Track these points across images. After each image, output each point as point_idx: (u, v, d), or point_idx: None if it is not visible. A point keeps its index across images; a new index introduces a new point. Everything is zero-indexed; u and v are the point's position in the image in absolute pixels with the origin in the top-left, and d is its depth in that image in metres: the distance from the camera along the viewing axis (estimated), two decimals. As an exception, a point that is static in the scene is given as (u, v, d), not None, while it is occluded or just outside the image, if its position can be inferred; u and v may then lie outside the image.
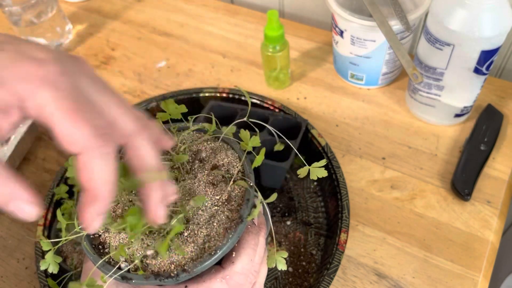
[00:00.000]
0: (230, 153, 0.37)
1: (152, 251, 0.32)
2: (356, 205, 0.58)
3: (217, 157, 0.37)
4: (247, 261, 0.33)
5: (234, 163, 0.37)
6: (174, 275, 0.31)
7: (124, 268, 0.32)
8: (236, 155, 0.37)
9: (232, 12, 0.85)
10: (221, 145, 0.38)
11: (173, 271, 0.31)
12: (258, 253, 0.34)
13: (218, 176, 0.36)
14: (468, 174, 0.57)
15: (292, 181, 0.62)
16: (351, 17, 0.60)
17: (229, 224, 0.33)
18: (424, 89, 0.61)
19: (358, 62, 0.66)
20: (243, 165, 0.36)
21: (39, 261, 0.53)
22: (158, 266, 0.31)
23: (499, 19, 0.50)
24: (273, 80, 0.70)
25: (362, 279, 0.52)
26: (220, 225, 0.33)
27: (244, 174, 0.36)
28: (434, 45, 0.55)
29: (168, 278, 0.30)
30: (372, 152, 0.63)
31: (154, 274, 0.31)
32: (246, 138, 0.37)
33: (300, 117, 0.62)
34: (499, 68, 0.73)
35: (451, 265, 0.52)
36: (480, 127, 0.62)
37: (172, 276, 0.31)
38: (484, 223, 0.55)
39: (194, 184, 0.35)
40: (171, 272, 0.31)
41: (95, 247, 0.33)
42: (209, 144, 0.38)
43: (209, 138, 0.39)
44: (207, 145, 0.38)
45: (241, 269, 0.33)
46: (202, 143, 0.38)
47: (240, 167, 0.36)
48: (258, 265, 0.35)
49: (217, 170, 0.36)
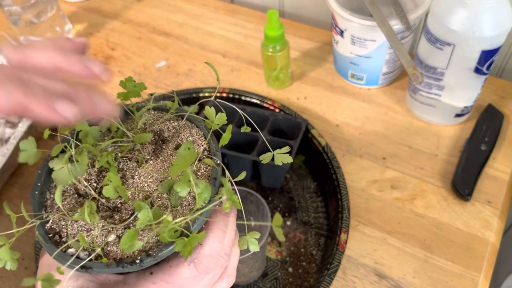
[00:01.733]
0: (194, 131, 0.35)
1: (113, 237, 0.30)
2: (356, 205, 0.58)
3: (181, 136, 0.35)
4: (216, 243, 0.31)
5: (200, 141, 0.35)
6: (138, 261, 0.29)
7: (83, 257, 0.29)
8: (201, 133, 0.35)
9: (232, 12, 0.85)
10: (185, 124, 0.36)
11: (137, 257, 0.29)
12: (228, 235, 0.32)
13: None
14: (469, 174, 0.57)
15: (292, 181, 0.62)
16: (352, 17, 0.60)
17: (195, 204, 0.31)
18: (425, 89, 0.61)
19: (358, 62, 0.66)
20: (209, 143, 0.34)
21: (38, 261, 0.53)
22: (121, 253, 0.29)
23: (500, 19, 0.50)
24: (273, 80, 0.70)
25: (363, 279, 0.52)
26: (186, 206, 0.31)
27: (210, 152, 0.34)
28: (435, 45, 0.54)
29: (131, 264, 0.29)
30: (373, 152, 0.63)
31: (116, 262, 0.29)
32: (211, 116, 0.35)
33: (300, 117, 0.62)
34: (500, 68, 0.73)
35: (452, 265, 0.52)
36: (481, 127, 0.61)
37: (136, 262, 0.29)
38: (485, 223, 0.55)
39: (157, 165, 0.33)
40: (134, 258, 0.29)
41: (50, 238, 0.31)
42: (171, 123, 0.35)
43: (172, 117, 0.36)
44: (170, 124, 0.35)
45: (209, 251, 0.31)
46: (164, 122, 0.36)
47: (206, 145, 0.34)
48: (229, 248, 0.32)
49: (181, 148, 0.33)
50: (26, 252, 0.57)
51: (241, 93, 0.67)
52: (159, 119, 0.36)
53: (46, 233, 0.32)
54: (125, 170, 0.33)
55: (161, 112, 0.37)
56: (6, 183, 0.64)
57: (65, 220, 0.31)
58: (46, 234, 0.31)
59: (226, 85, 0.72)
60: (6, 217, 0.61)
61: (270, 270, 0.55)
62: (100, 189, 0.32)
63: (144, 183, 0.32)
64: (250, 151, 0.57)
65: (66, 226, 0.31)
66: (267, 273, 0.55)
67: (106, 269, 0.29)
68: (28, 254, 0.57)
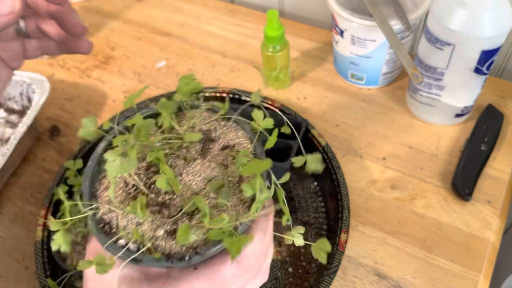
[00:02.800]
0: (240, 133, 0.36)
1: (162, 232, 0.31)
2: (356, 205, 0.58)
3: (228, 137, 0.36)
4: (258, 243, 0.33)
5: (245, 144, 0.36)
6: (187, 258, 0.30)
7: (133, 249, 0.31)
8: (247, 135, 0.36)
9: (232, 11, 0.85)
10: (232, 125, 0.37)
11: (186, 254, 0.30)
12: (267, 236, 0.34)
13: (229, 157, 0.34)
14: (469, 174, 0.57)
15: (292, 181, 0.62)
16: (351, 16, 0.60)
17: (241, 206, 0.32)
18: (425, 89, 0.61)
19: (358, 62, 0.66)
20: (255, 146, 0.35)
21: (38, 261, 0.53)
22: (169, 248, 0.30)
23: (500, 19, 0.50)
24: (273, 80, 0.70)
25: (363, 279, 0.52)
26: (232, 207, 0.32)
27: (255, 155, 0.35)
28: (435, 45, 0.54)
29: (180, 260, 0.30)
30: (373, 152, 0.63)
31: (165, 256, 0.30)
32: (258, 118, 0.36)
33: (300, 117, 0.62)
34: (500, 68, 0.73)
35: (452, 265, 0.52)
36: (481, 127, 0.61)
37: (184, 259, 0.30)
38: (485, 223, 0.55)
39: (204, 165, 0.34)
40: (183, 255, 0.30)
41: (101, 228, 0.32)
42: (219, 124, 0.37)
43: (219, 118, 0.37)
44: (217, 125, 0.36)
45: (252, 251, 0.32)
46: (212, 122, 0.37)
47: (252, 148, 0.35)
48: (267, 248, 0.34)
49: (228, 151, 0.35)
50: (26, 253, 0.57)
51: (241, 93, 0.67)
52: (207, 119, 0.37)
53: (97, 223, 0.32)
54: (173, 167, 0.34)
55: (209, 112, 0.38)
56: (6, 183, 0.64)
57: (115, 212, 0.32)
58: (97, 224, 0.32)
59: (226, 85, 0.72)
60: (6, 216, 0.61)
61: (270, 270, 0.55)
62: (149, 184, 0.33)
63: (192, 181, 0.33)
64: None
65: (117, 218, 0.32)
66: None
67: (155, 263, 0.30)
68: (28, 254, 0.57)
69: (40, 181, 0.64)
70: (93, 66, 0.78)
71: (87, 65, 0.79)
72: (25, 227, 0.60)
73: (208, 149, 0.35)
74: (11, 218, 0.61)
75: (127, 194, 0.32)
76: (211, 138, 0.35)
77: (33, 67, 0.79)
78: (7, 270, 0.56)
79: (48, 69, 0.79)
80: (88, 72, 0.78)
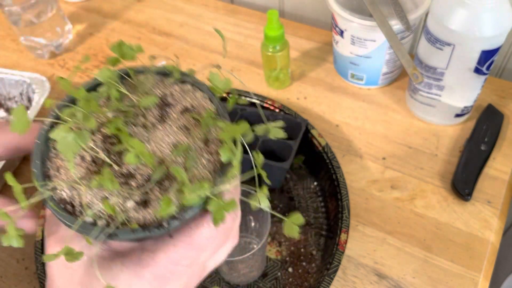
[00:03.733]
0: (199, 95, 0.34)
1: (132, 203, 0.29)
2: (357, 205, 0.58)
3: (186, 100, 0.34)
4: None
5: (206, 104, 0.34)
6: (165, 225, 0.28)
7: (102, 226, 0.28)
8: (205, 96, 0.34)
9: (232, 12, 0.85)
10: (188, 88, 0.35)
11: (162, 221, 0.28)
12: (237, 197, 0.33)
13: (191, 120, 0.33)
14: (469, 174, 0.57)
15: (292, 181, 0.62)
16: (351, 17, 0.60)
17: (212, 167, 0.30)
18: (425, 89, 0.61)
19: (358, 62, 0.66)
20: (216, 106, 0.33)
21: (39, 261, 0.53)
22: (143, 218, 0.29)
23: (500, 19, 0.50)
24: (273, 80, 0.70)
25: (363, 279, 0.52)
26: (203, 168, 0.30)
27: (219, 115, 0.33)
28: (435, 45, 0.54)
29: (158, 228, 0.28)
30: (373, 152, 0.63)
31: (141, 227, 0.28)
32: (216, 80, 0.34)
33: (300, 117, 0.62)
34: (500, 68, 0.73)
35: (452, 265, 0.52)
36: (481, 127, 0.61)
37: (163, 225, 0.28)
38: (485, 223, 0.55)
39: (166, 131, 0.32)
40: (161, 222, 0.28)
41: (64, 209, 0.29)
42: (174, 88, 0.34)
43: (173, 82, 0.35)
44: (172, 89, 0.34)
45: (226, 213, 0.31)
46: (166, 86, 0.35)
47: (214, 108, 0.33)
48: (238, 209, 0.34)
49: (189, 114, 0.33)
50: (27, 252, 0.57)
51: (241, 93, 0.67)
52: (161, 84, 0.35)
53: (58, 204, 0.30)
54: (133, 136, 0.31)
55: (159, 76, 0.36)
56: (5, 183, 0.64)
57: (76, 190, 0.30)
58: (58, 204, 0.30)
59: (226, 85, 0.72)
60: (6, 217, 0.61)
61: (270, 270, 0.55)
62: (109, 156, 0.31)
63: (155, 148, 0.31)
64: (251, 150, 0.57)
65: (79, 196, 0.29)
66: (267, 273, 0.55)
67: (131, 235, 0.28)
68: (28, 254, 0.57)
69: (40, 181, 0.64)
70: (93, 66, 0.78)
71: (87, 65, 0.79)
72: (25, 227, 0.60)
73: (166, 114, 0.33)
74: (11, 218, 0.61)
75: (86, 169, 0.30)
76: (168, 103, 0.33)
77: (33, 67, 0.79)
78: (7, 270, 0.56)
79: (48, 69, 0.79)
80: (88, 72, 0.78)
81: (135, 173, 0.30)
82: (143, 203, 0.29)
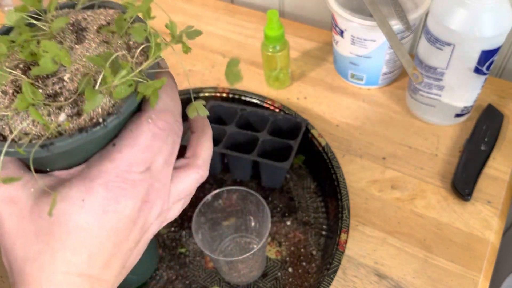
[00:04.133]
0: (111, 11, 0.34)
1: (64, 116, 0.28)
2: (356, 205, 0.58)
3: (100, 19, 0.33)
4: (169, 100, 0.31)
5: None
6: (101, 121, 0.27)
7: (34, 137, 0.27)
8: (118, 10, 0.34)
9: (232, 12, 0.85)
10: (101, 11, 0.34)
11: (98, 119, 0.27)
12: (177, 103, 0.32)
13: (109, 34, 0.32)
14: (469, 174, 0.57)
15: (292, 181, 0.62)
16: (351, 17, 0.60)
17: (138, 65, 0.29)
18: (425, 89, 0.61)
19: (358, 62, 0.66)
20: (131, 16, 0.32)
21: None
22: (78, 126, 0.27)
23: (500, 19, 0.50)
24: (273, 80, 0.70)
25: (363, 279, 0.52)
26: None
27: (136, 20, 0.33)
28: (435, 45, 0.54)
29: (95, 126, 0.27)
30: (373, 152, 0.63)
31: (78, 130, 0.27)
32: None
33: (300, 117, 0.62)
34: (500, 68, 0.73)
35: (452, 265, 0.52)
36: (481, 127, 0.61)
37: (99, 123, 0.27)
38: (485, 223, 0.55)
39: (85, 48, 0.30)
40: (96, 121, 0.27)
41: None
42: (86, 13, 0.33)
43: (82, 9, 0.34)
44: (84, 14, 0.33)
45: (164, 106, 0.30)
46: (77, 13, 0.33)
47: (129, 18, 0.32)
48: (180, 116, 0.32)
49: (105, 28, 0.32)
50: (26, 252, 0.57)
51: (241, 93, 0.67)
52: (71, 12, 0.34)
53: None
54: None
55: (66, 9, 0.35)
56: (6, 183, 0.64)
57: (3, 120, 0.28)
58: None
59: (226, 85, 0.73)
60: (6, 217, 0.61)
61: (270, 270, 0.55)
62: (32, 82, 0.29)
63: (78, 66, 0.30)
64: (250, 151, 0.57)
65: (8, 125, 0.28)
66: (267, 273, 0.55)
67: (68, 140, 0.26)
68: (28, 254, 0.57)
69: (40, 181, 0.64)
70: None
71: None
72: (25, 227, 0.60)
73: (83, 36, 0.32)
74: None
75: (10, 101, 0.29)
76: (82, 28, 0.32)
77: None
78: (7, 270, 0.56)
79: None
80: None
81: (61, 91, 0.29)
82: (76, 114, 0.28)
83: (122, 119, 0.28)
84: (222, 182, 0.63)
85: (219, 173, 0.64)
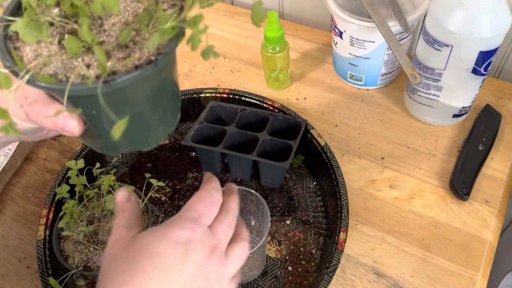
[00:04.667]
0: None
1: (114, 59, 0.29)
2: (355, 205, 0.58)
3: None
4: None
5: None
6: (154, 59, 0.29)
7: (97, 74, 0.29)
8: None
9: (232, 13, 0.86)
10: None
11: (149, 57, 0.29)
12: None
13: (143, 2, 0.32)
14: (467, 174, 0.58)
15: (292, 181, 0.62)
16: (350, 18, 0.60)
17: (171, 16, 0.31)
18: (423, 90, 0.61)
19: (357, 63, 0.67)
20: None
21: (40, 260, 0.53)
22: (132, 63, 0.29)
23: (497, 20, 0.50)
24: (273, 81, 0.71)
25: (361, 278, 0.52)
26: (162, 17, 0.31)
27: None
28: (433, 46, 0.55)
29: (148, 63, 0.29)
30: (371, 152, 0.63)
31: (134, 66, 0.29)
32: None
33: (300, 117, 0.63)
34: (497, 69, 0.73)
35: (450, 264, 0.52)
36: (479, 127, 0.62)
37: (151, 61, 0.29)
38: (483, 223, 0.55)
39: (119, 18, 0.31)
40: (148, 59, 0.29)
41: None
42: None
43: None
44: None
45: None
46: None
47: None
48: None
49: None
50: (28, 252, 0.58)
51: (241, 93, 0.68)
52: None
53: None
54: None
55: None
56: (8, 183, 0.65)
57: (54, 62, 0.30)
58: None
59: (226, 86, 0.73)
60: (8, 215, 0.62)
61: (270, 268, 0.55)
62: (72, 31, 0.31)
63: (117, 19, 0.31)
64: (250, 151, 0.58)
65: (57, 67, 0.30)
66: (267, 271, 0.55)
67: (127, 76, 0.28)
68: (30, 253, 0.58)
69: (42, 181, 0.65)
70: None
71: None
72: (27, 227, 0.60)
73: None
74: (13, 217, 0.62)
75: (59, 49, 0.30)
76: None
77: None
78: (9, 269, 0.57)
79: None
80: None
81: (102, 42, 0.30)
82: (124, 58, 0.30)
83: (167, 62, 0.31)
84: (223, 181, 0.63)
85: (219, 172, 0.64)
